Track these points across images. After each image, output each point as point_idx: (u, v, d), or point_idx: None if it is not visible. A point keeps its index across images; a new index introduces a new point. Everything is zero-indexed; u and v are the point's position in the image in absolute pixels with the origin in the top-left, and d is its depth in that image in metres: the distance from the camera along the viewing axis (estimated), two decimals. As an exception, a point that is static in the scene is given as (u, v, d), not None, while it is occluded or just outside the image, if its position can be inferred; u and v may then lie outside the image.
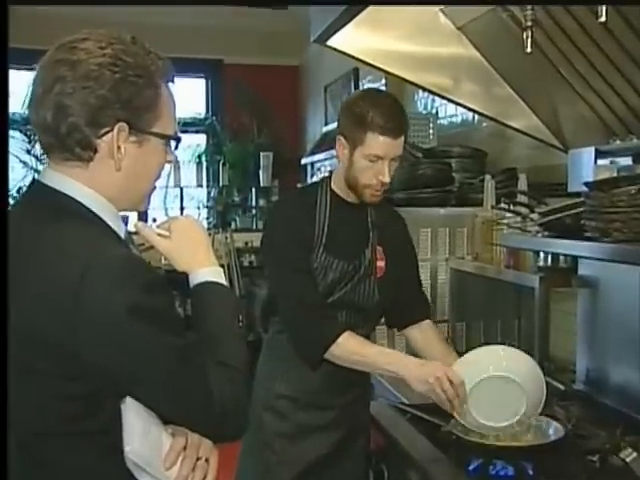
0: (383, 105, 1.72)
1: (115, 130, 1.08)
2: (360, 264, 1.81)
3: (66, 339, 1.01)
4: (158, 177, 1.20)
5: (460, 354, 1.95)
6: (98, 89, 1.06)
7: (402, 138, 1.74)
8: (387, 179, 1.71)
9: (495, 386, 1.65)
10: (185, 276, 1.21)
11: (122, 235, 1.16)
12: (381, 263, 1.85)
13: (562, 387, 2.29)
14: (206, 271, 1.20)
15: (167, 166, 1.20)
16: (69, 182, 1.10)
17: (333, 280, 1.77)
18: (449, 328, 2.79)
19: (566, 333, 2.42)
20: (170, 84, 1.19)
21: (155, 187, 1.21)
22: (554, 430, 1.71)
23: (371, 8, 1.91)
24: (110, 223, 1.13)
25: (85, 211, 1.10)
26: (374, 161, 1.71)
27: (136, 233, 1.23)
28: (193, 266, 1.20)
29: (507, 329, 2.83)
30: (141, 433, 1.05)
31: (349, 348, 1.72)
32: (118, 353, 1.03)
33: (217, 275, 1.21)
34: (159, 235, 1.21)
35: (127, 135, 1.10)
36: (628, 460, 1.50)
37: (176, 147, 1.21)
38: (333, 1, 2.01)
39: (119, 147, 1.09)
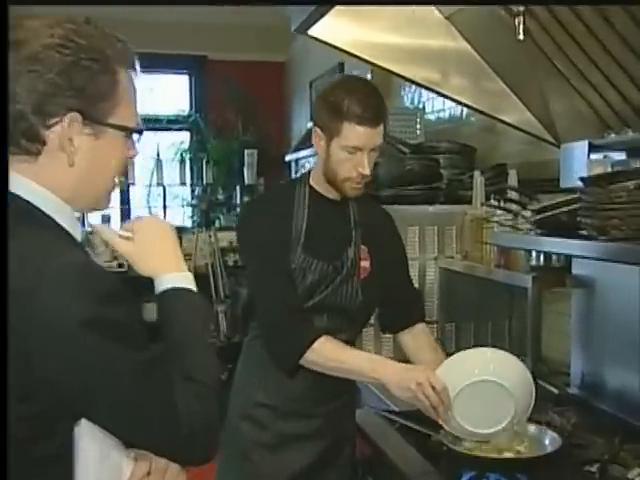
0: (359, 92, 1.61)
1: (66, 120, 0.98)
2: (342, 265, 1.71)
3: (17, 353, 0.90)
4: (119, 173, 1.09)
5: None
6: (46, 73, 0.95)
7: (381, 127, 1.64)
8: (367, 171, 1.61)
9: (482, 391, 1.56)
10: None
11: (78, 238, 1.05)
12: (365, 263, 1.75)
13: (556, 391, 2.21)
14: (173, 276, 1.09)
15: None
16: (16, 179, 0.99)
17: (313, 282, 1.67)
18: (438, 329, 2.71)
19: (560, 335, 2.34)
20: (132, 72, 1.07)
21: (116, 184, 1.10)
22: (550, 440, 1.61)
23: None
24: (64, 225, 1.02)
25: (35, 212, 0.99)
26: (352, 152, 1.61)
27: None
28: (158, 271, 1.09)
29: (498, 330, 2.76)
30: (97, 459, 0.94)
31: (325, 354, 1.62)
32: (71, 369, 0.93)
33: (185, 280, 1.10)
34: (120, 237, 1.11)
35: (80, 126, 0.99)
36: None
37: (138, 140, 1.10)
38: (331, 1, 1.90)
39: (71, 139, 0.99)
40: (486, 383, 1.55)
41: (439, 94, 2.55)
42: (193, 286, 1.11)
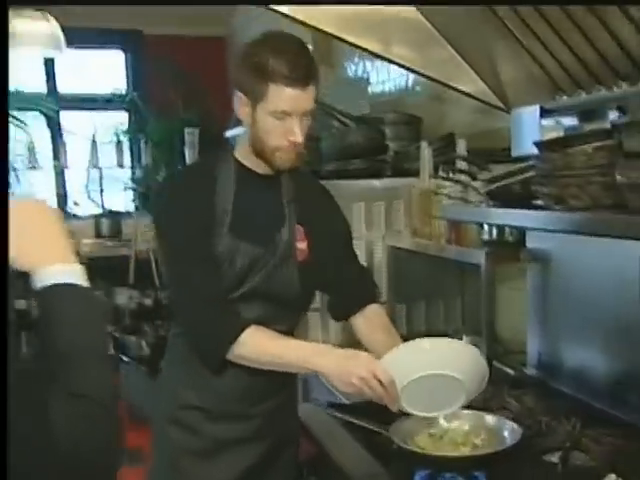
0: (286, 51, 1.42)
1: None
2: (275, 247, 1.52)
3: None
4: None
5: (404, 339, 1.71)
6: None
7: (312, 88, 1.45)
8: (299, 138, 1.42)
9: (430, 382, 1.41)
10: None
11: None
12: (302, 245, 1.57)
13: (512, 372, 2.09)
14: (55, 269, 0.90)
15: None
16: None
17: (242, 267, 1.48)
18: (388, 310, 2.57)
19: (515, 312, 2.22)
20: None
21: None
22: (510, 432, 1.47)
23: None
24: None
25: None
26: (281, 118, 1.42)
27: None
28: (37, 263, 0.90)
29: (450, 309, 2.66)
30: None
31: (256, 347, 1.44)
32: None
33: (71, 275, 0.91)
34: None
35: None
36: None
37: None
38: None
39: None
40: (435, 375, 1.41)
41: (387, 61, 2.39)
42: (83, 281, 0.92)
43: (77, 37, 4.49)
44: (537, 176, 1.55)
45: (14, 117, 4.76)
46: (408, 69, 2.39)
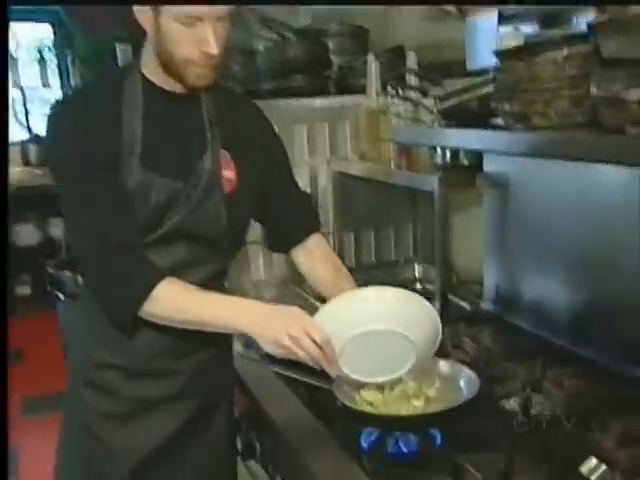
0: None
1: None
2: (197, 178, 1.29)
3: None
4: None
5: (351, 271, 1.54)
6: None
7: None
8: (214, 49, 1.17)
9: (374, 340, 1.23)
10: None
11: None
12: (229, 174, 1.34)
13: (468, 307, 1.95)
14: None
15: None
16: None
17: (159, 204, 1.25)
18: (335, 241, 2.40)
19: (471, 242, 2.07)
20: None
21: None
22: (466, 382, 1.32)
23: None
24: None
25: None
26: (191, 24, 1.17)
27: None
28: None
29: (401, 238, 2.50)
30: None
31: (169, 304, 1.23)
32: None
33: None
34: None
35: None
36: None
37: None
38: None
39: None
40: (379, 331, 1.22)
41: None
42: None
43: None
44: (497, 91, 1.37)
45: None
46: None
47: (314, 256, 1.52)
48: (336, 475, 1.19)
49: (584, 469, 0.98)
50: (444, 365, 1.39)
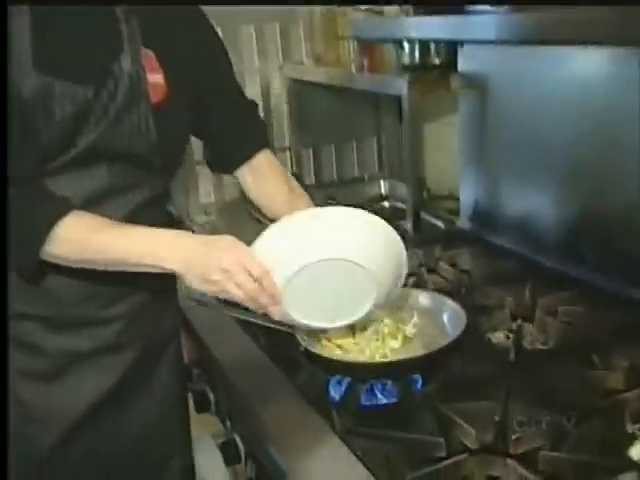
0: None
1: None
2: (115, 83, 1.04)
3: None
4: None
5: (309, 192, 1.32)
6: None
7: None
8: None
9: (325, 273, 0.99)
10: None
11: None
12: (156, 77, 1.09)
13: (443, 226, 1.76)
14: None
15: None
16: None
17: (66, 118, 1.00)
18: (292, 158, 2.19)
19: (445, 152, 1.86)
20: None
21: None
22: (450, 315, 1.13)
23: None
24: None
25: None
26: None
27: None
28: None
29: (365, 151, 2.30)
30: None
31: (75, 243, 1.00)
32: None
33: None
34: None
35: None
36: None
37: None
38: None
39: None
40: (330, 262, 0.98)
41: None
42: None
43: None
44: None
45: None
46: None
47: (264, 176, 1.30)
48: (292, 427, 1.00)
49: (634, 453, 0.82)
50: (423, 297, 1.20)
